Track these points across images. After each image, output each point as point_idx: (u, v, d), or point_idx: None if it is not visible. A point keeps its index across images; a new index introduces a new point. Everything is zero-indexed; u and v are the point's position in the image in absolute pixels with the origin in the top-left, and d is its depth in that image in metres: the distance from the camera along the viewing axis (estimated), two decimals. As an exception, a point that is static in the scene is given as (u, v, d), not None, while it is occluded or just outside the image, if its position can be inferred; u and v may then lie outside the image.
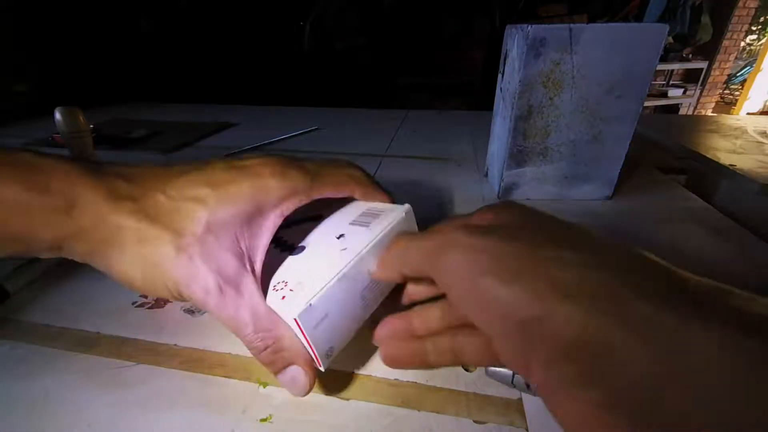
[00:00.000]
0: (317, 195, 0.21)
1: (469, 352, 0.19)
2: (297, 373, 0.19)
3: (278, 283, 0.20)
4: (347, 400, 0.23)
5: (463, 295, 0.15)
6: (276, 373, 0.20)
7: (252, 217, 0.19)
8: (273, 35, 1.93)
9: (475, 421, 0.21)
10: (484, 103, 0.64)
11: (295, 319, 0.18)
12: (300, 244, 0.23)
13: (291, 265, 0.21)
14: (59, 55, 1.07)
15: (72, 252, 0.19)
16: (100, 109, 1.04)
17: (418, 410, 0.22)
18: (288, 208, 0.20)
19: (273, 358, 0.19)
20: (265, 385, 0.23)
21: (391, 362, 0.20)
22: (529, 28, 0.38)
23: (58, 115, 0.49)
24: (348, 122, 0.89)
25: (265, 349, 0.19)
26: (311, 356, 0.20)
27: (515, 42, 0.41)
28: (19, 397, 0.22)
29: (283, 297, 0.19)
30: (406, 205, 0.24)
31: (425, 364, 0.19)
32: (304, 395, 0.20)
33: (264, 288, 0.20)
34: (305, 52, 1.98)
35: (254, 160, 0.21)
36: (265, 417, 0.21)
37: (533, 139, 0.44)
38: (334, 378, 0.24)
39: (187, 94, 1.31)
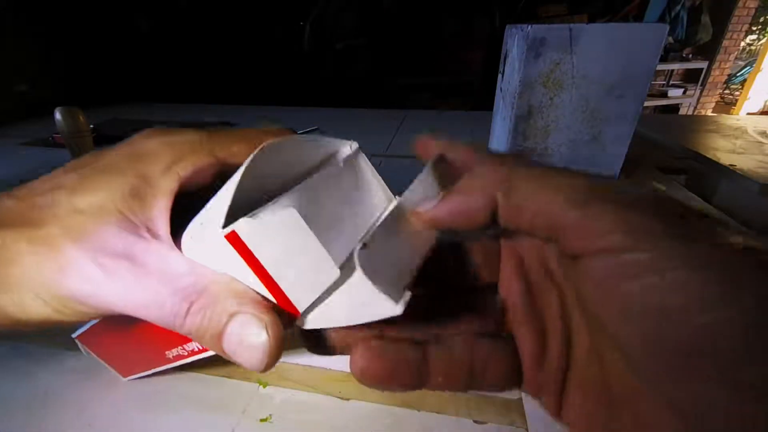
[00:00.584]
0: (224, 153, 0.17)
1: (498, 370, 0.14)
2: (244, 321, 0.12)
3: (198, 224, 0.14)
4: (347, 400, 0.23)
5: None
6: (218, 339, 0.13)
7: (138, 187, 0.15)
8: (273, 35, 1.93)
9: (475, 421, 0.21)
10: (484, 103, 0.64)
11: (228, 234, 0.12)
12: None
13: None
14: (59, 56, 1.07)
15: None
16: (100, 109, 1.04)
17: (418, 410, 0.22)
18: (185, 167, 0.16)
19: (201, 318, 0.13)
20: (265, 385, 0.23)
21: (364, 376, 0.13)
22: (529, 28, 0.38)
23: (58, 115, 0.49)
24: (348, 122, 0.89)
25: (188, 311, 0.13)
26: (269, 299, 0.13)
27: (515, 42, 0.41)
28: (19, 397, 0.22)
29: (201, 223, 0.14)
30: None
31: (417, 384, 0.14)
32: (266, 364, 0.13)
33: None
34: (305, 52, 1.98)
35: (135, 135, 0.17)
36: (265, 417, 0.21)
37: (533, 139, 0.44)
38: (334, 378, 0.24)
39: (187, 94, 1.31)
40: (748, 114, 3.43)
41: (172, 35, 1.71)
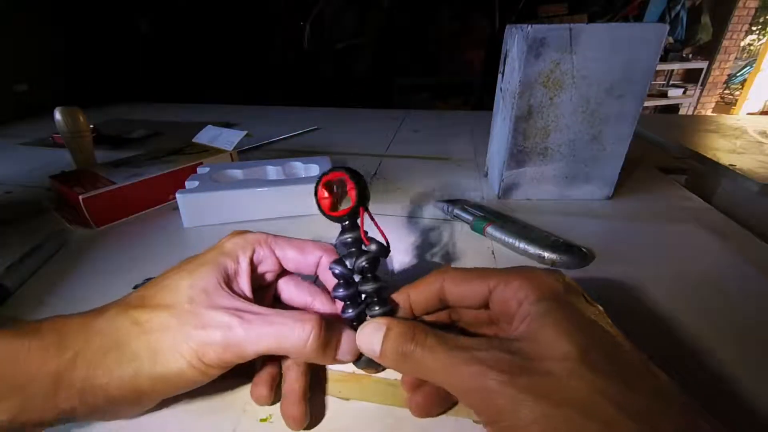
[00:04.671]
0: (278, 249, 0.24)
1: None
2: (350, 335, 0.21)
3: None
4: (347, 400, 0.23)
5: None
6: (336, 349, 0.20)
7: (227, 271, 0.21)
8: (273, 35, 1.93)
9: (475, 421, 0.21)
10: (484, 103, 0.64)
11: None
12: None
13: None
14: (59, 56, 1.07)
15: (71, 386, 0.17)
16: (100, 109, 1.04)
17: (418, 410, 0.22)
18: (249, 254, 0.23)
19: (326, 335, 0.19)
20: (265, 385, 0.23)
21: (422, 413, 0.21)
22: (529, 28, 0.38)
23: (58, 115, 0.49)
24: (348, 122, 0.89)
25: (321, 329, 0.19)
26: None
27: (515, 42, 0.41)
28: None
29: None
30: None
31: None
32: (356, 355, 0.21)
33: None
34: (305, 51, 1.98)
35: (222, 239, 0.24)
36: (265, 417, 0.21)
37: (533, 139, 0.44)
38: (334, 378, 0.24)
39: (187, 94, 1.31)
40: (748, 114, 3.43)
41: (172, 35, 1.71)
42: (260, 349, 0.19)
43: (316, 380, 0.23)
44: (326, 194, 0.22)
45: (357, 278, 0.22)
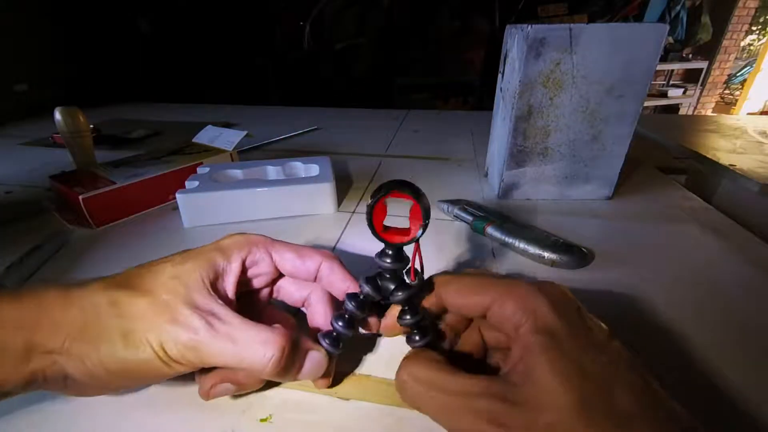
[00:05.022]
0: (276, 253, 0.24)
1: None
2: (314, 355, 0.21)
3: None
4: (347, 400, 0.23)
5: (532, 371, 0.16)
6: (298, 371, 0.20)
7: (216, 266, 0.21)
8: (273, 35, 1.93)
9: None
10: (484, 103, 0.64)
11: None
12: None
13: None
14: (59, 56, 1.07)
15: (43, 355, 0.17)
16: (100, 109, 1.04)
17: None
18: (244, 255, 0.23)
19: (288, 361, 0.19)
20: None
21: None
22: (529, 28, 0.38)
23: (58, 115, 0.49)
24: (348, 122, 0.89)
25: (284, 352, 0.19)
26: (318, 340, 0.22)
27: (515, 42, 0.41)
28: (18, 397, 0.22)
29: None
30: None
31: None
32: (323, 375, 0.21)
33: None
34: (305, 51, 1.98)
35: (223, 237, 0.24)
36: (264, 417, 0.21)
37: (533, 139, 0.44)
38: (334, 378, 0.24)
39: (187, 94, 1.30)
40: (748, 114, 3.43)
41: (172, 35, 1.71)
42: (220, 362, 0.19)
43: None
44: (382, 214, 0.20)
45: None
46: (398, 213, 0.23)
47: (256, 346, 0.19)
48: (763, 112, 3.62)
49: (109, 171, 0.46)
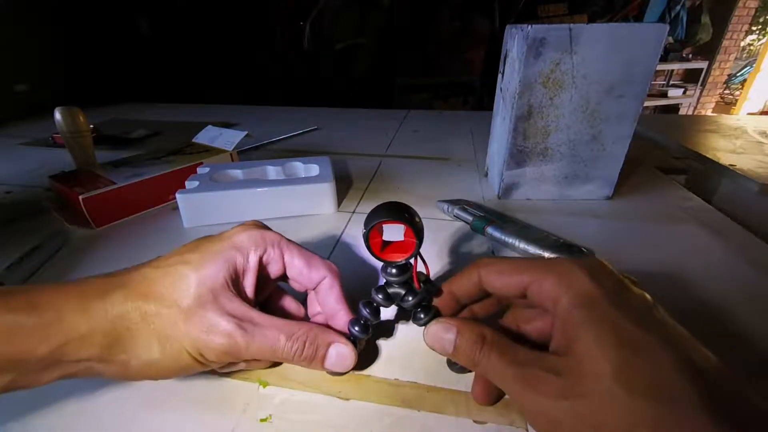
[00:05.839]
0: (287, 254, 0.24)
1: None
2: (340, 348, 0.22)
3: None
4: (347, 400, 0.23)
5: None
6: (321, 361, 0.21)
7: (236, 267, 0.22)
8: (273, 35, 1.93)
9: (475, 421, 0.21)
10: (484, 103, 0.64)
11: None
12: None
13: None
14: (59, 56, 1.07)
15: (73, 363, 0.18)
16: (100, 109, 1.04)
17: (418, 410, 0.22)
18: (261, 252, 0.23)
19: (313, 348, 0.21)
20: (265, 385, 0.23)
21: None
22: (529, 28, 0.38)
23: (58, 115, 0.49)
24: (348, 122, 0.89)
25: (305, 344, 0.21)
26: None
27: (515, 42, 0.41)
28: (18, 397, 0.22)
29: None
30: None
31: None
32: (352, 365, 0.22)
33: None
34: (305, 51, 1.98)
35: (235, 227, 0.24)
36: (265, 417, 0.21)
37: (533, 139, 0.44)
38: (334, 378, 0.24)
39: (187, 94, 1.30)
40: (748, 114, 3.42)
41: (172, 35, 1.71)
42: (255, 356, 0.20)
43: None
44: (378, 237, 0.22)
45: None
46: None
47: (285, 340, 0.20)
48: (763, 112, 3.62)
49: (109, 171, 0.46)
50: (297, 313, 0.26)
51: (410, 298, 0.22)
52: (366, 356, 0.25)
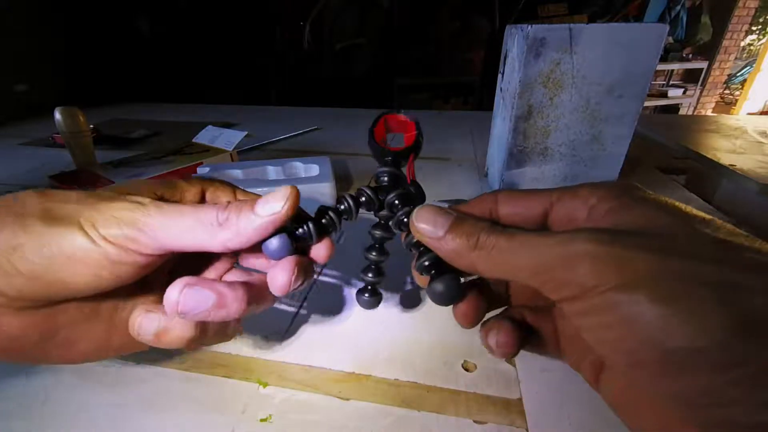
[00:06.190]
0: (240, 194, 0.24)
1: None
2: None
3: None
4: (347, 400, 0.23)
5: (588, 311, 0.13)
6: (251, 207, 0.17)
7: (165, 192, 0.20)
8: (273, 35, 1.93)
9: (475, 421, 0.21)
10: (484, 103, 0.64)
11: None
12: None
13: None
14: (59, 56, 1.07)
15: None
16: (100, 109, 1.04)
17: (418, 410, 0.22)
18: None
19: (236, 218, 0.17)
20: (265, 385, 0.23)
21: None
22: (529, 28, 0.38)
23: (58, 115, 0.49)
24: (348, 122, 0.89)
25: (225, 218, 0.17)
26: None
27: (515, 42, 0.41)
28: (19, 397, 0.22)
29: None
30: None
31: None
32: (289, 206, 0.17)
33: None
34: (305, 51, 1.98)
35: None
36: (264, 417, 0.21)
37: (533, 139, 0.44)
38: (334, 378, 0.24)
39: (187, 94, 1.31)
40: (748, 114, 3.43)
41: (172, 35, 1.71)
42: (167, 239, 0.16)
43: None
44: (384, 129, 0.23)
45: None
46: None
47: (205, 209, 0.17)
48: (763, 112, 3.62)
49: (109, 171, 0.46)
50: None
51: (393, 194, 0.21)
52: (366, 356, 0.25)
